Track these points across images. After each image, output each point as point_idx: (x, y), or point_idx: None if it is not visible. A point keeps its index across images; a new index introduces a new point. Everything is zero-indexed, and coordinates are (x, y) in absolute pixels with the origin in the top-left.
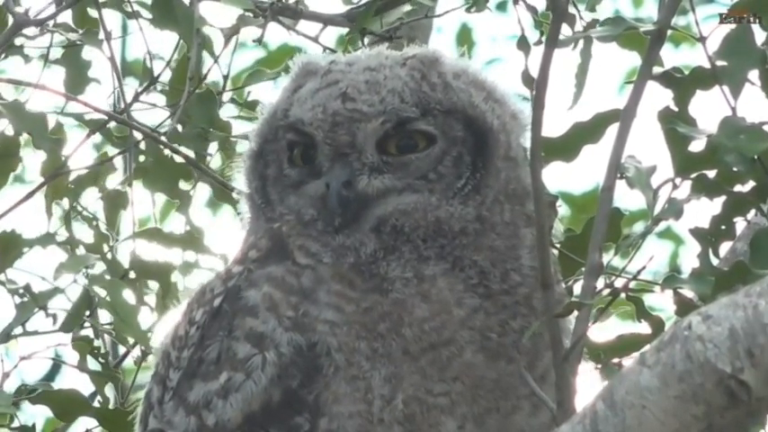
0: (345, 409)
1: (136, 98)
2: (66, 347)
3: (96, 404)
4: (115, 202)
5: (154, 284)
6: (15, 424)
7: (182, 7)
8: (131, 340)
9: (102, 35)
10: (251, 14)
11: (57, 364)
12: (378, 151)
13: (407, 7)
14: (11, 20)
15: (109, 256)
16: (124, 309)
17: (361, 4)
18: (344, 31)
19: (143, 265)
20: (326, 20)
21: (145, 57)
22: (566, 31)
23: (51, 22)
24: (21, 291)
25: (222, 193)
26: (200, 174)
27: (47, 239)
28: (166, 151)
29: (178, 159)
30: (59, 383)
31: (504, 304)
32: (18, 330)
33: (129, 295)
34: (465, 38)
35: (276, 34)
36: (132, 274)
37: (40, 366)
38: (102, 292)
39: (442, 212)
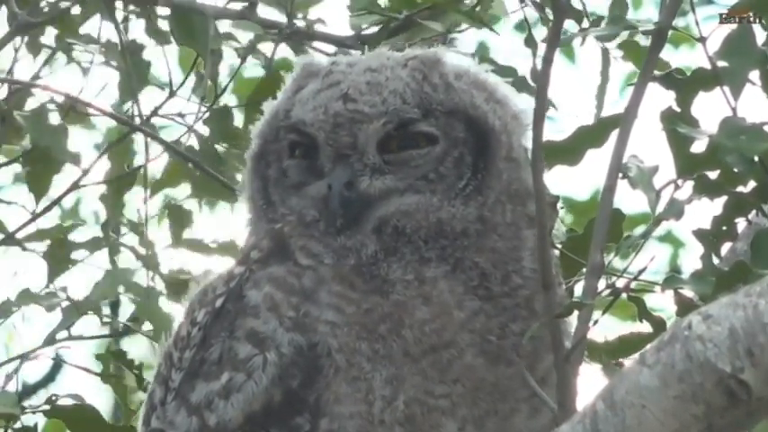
0: (346, 410)
1: (155, 112)
2: (66, 349)
3: (106, 413)
4: (178, 216)
5: None
6: (17, 425)
7: (200, 24)
8: None
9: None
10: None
11: (57, 366)
12: (379, 152)
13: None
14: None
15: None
16: (159, 317)
17: (370, 26)
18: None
19: (174, 281)
20: (338, 42)
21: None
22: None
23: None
24: (65, 299)
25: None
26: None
27: (95, 244)
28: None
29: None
30: (60, 383)
31: (504, 307)
32: (63, 334)
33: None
34: (482, 53)
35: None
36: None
37: (40, 366)
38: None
39: (443, 213)
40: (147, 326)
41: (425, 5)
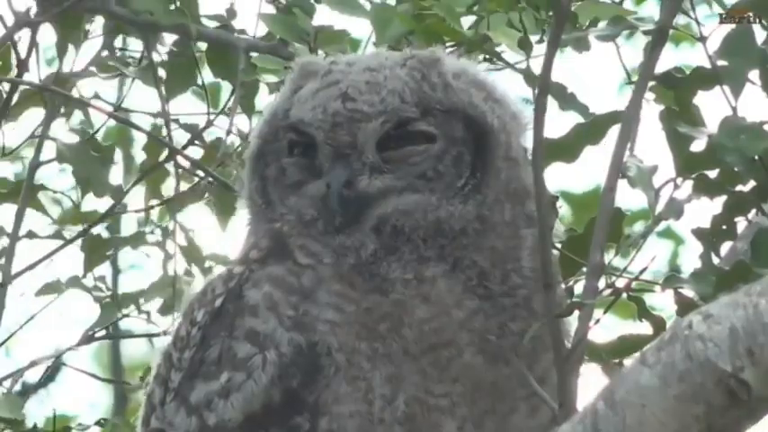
0: (346, 409)
1: (190, 142)
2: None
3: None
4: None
5: None
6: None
7: (233, 57)
8: None
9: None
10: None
11: (56, 367)
12: (378, 151)
13: None
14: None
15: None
16: None
17: None
18: None
19: None
20: None
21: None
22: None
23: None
24: (106, 292)
25: None
26: None
27: (138, 238)
28: None
29: None
30: (60, 384)
31: (503, 306)
32: (103, 332)
33: None
34: None
35: None
36: None
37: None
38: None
39: (442, 212)
40: None
41: (452, 42)
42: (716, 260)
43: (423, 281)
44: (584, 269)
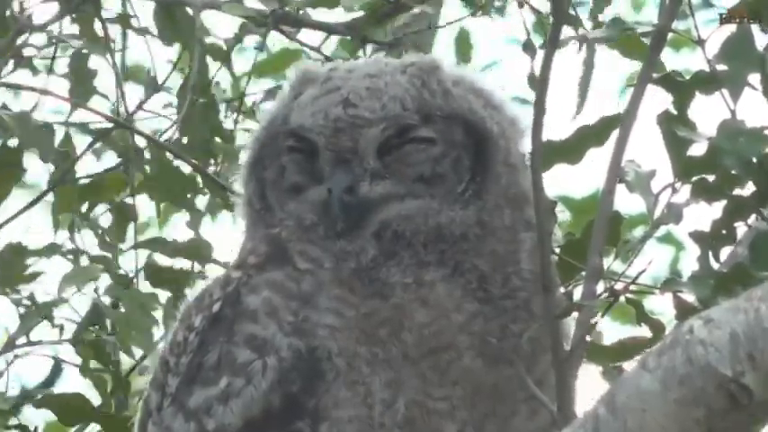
0: (346, 414)
1: (139, 106)
2: (65, 350)
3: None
4: (123, 215)
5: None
6: (13, 421)
7: (185, 17)
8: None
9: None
10: (253, 23)
11: (57, 369)
12: (378, 157)
13: (415, 11)
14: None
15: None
16: (137, 319)
17: (362, 15)
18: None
19: (157, 271)
20: (328, 29)
21: (149, 65)
22: (568, 33)
23: (57, 31)
24: (25, 301)
25: (224, 200)
26: (206, 181)
27: (51, 249)
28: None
29: (184, 168)
30: (60, 387)
31: (504, 308)
32: (22, 340)
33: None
34: (463, 41)
35: (278, 41)
36: (144, 281)
37: (40, 370)
38: (107, 302)
39: (443, 217)
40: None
41: None
42: (716, 265)
43: (422, 285)
44: (583, 273)
